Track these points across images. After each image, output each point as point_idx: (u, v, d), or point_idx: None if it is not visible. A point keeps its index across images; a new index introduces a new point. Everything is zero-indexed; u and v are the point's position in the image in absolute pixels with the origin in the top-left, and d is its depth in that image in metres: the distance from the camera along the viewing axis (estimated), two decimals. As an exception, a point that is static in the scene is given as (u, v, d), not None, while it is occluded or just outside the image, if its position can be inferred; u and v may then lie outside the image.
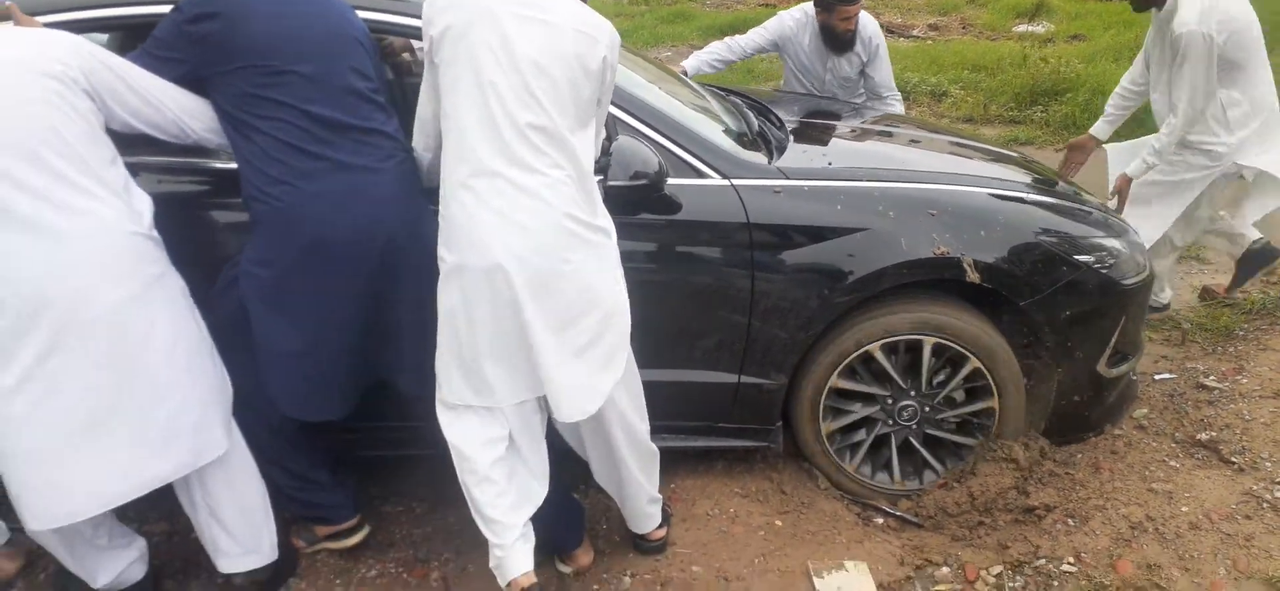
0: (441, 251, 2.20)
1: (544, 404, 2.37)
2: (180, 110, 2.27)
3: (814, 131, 3.65)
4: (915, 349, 2.87)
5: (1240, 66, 3.63)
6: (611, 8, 11.55)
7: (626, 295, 2.32)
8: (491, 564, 2.36)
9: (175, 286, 2.24)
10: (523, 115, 2.11)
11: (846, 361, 2.86)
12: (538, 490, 2.39)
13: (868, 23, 4.57)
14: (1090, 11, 10.63)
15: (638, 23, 10.93)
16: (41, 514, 2.12)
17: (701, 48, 4.64)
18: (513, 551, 2.32)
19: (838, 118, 4.12)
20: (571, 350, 2.20)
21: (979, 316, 2.87)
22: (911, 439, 3.02)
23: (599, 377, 2.26)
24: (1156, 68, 3.82)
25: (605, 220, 2.29)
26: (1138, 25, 9.42)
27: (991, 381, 2.89)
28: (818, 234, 2.73)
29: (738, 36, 4.82)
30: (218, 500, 2.39)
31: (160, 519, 2.89)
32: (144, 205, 2.20)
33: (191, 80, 2.29)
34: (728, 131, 3.09)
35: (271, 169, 2.25)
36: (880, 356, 2.85)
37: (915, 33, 10.47)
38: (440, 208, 2.21)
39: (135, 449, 2.15)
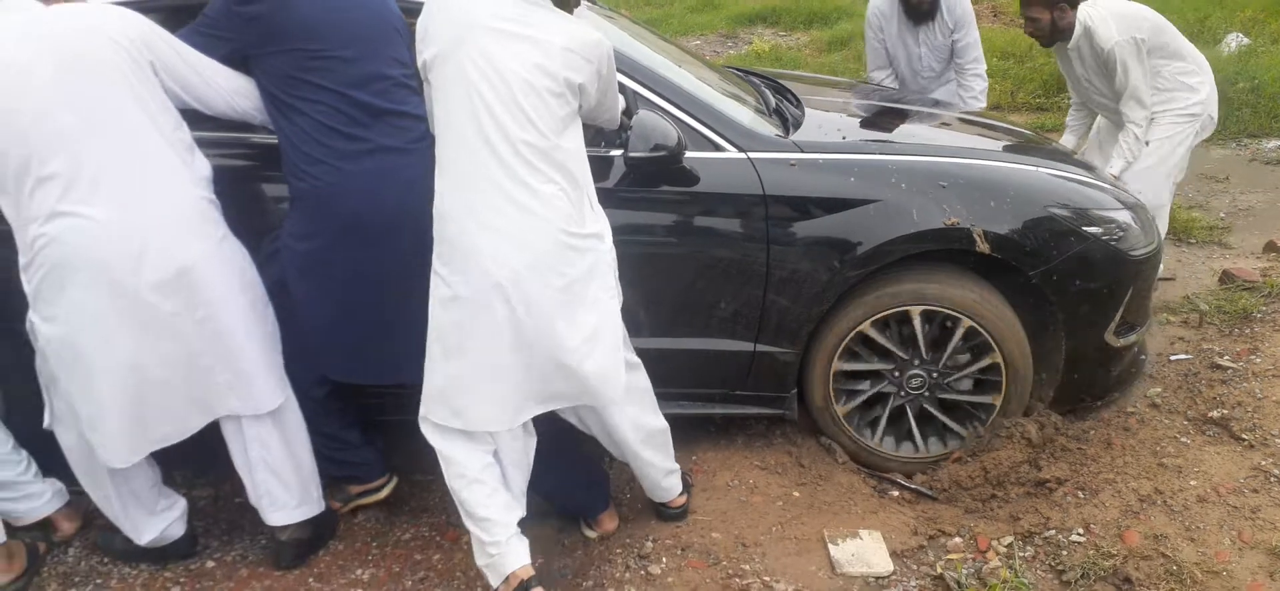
0: (438, 267, 2.25)
1: (529, 429, 2.43)
2: (230, 89, 2.42)
3: (831, 107, 3.73)
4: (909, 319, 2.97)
5: (1168, 44, 3.98)
6: (642, -2, 11.63)
7: (618, 300, 2.38)
8: (482, 563, 2.40)
9: (237, 248, 2.41)
10: (516, 132, 2.15)
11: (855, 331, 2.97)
12: (517, 510, 2.44)
13: None
14: None
15: (668, 12, 11.01)
16: (126, 450, 2.33)
17: (731, 35, 4.72)
18: (508, 547, 2.37)
19: (861, 97, 4.20)
20: (557, 361, 2.25)
21: (979, 282, 2.96)
22: (926, 405, 3.10)
23: (573, 386, 2.31)
24: (1086, 80, 4.15)
25: (596, 224, 2.33)
26: (1170, 10, 9.31)
27: (988, 337, 2.94)
28: (832, 205, 2.83)
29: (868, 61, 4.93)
30: (275, 453, 2.55)
31: (206, 485, 3.05)
32: (205, 170, 2.37)
33: (237, 59, 2.43)
34: (745, 107, 3.18)
35: (312, 148, 2.38)
36: (874, 333, 2.97)
37: (945, 21, 10.46)
38: (436, 224, 2.25)
39: (205, 392, 2.36)
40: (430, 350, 2.29)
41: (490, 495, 2.36)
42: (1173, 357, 3.70)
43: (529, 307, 2.17)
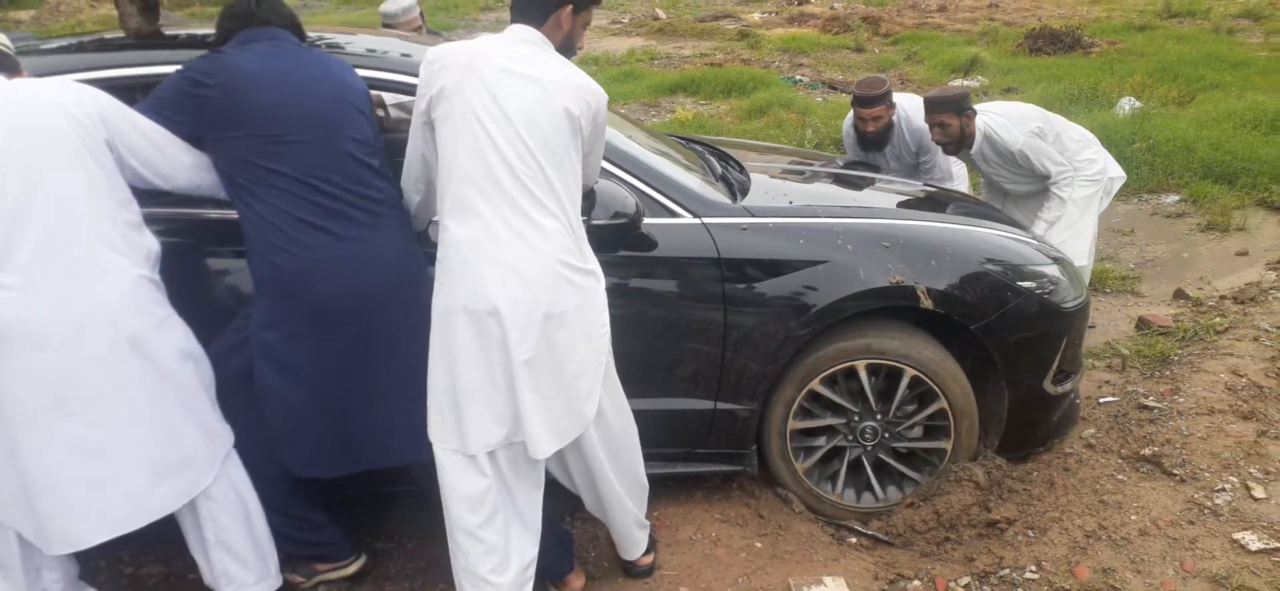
0: (436, 297, 2.33)
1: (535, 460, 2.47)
2: (191, 163, 2.40)
3: (774, 173, 3.85)
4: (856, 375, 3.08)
5: (1058, 131, 4.39)
6: (562, 68, 11.78)
7: (608, 338, 2.45)
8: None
9: (177, 329, 2.34)
10: (517, 165, 2.26)
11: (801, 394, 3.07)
12: (528, 546, 2.48)
13: (914, 116, 4.58)
14: (1021, 66, 11.15)
15: (590, 82, 11.19)
16: (60, 540, 2.21)
17: (653, 104, 4.81)
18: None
19: (799, 163, 4.35)
20: (550, 391, 2.33)
21: (921, 335, 3.08)
22: (882, 455, 3.20)
23: (567, 422, 2.39)
24: (994, 174, 4.51)
25: (593, 264, 2.43)
26: (1066, 78, 9.91)
27: (952, 422, 3.09)
28: (783, 267, 2.93)
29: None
30: (230, 532, 2.47)
31: (156, 562, 2.94)
32: (151, 249, 2.31)
33: (192, 139, 2.40)
34: (695, 175, 3.27)
35: (272, 236, 2.35)
36: (823, 388, 3.07)
37: (853, 88, 10.89)
38: (439, 254, 2.34)
39: (138, 480, 2.25)
40: (431, 370, 2.36)
41: (486, 553, 2.41)
42: (1102, 400, 3.88)
43: (523, 332, 2.25)
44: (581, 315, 2.34)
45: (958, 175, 4.81)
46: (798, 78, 11.43)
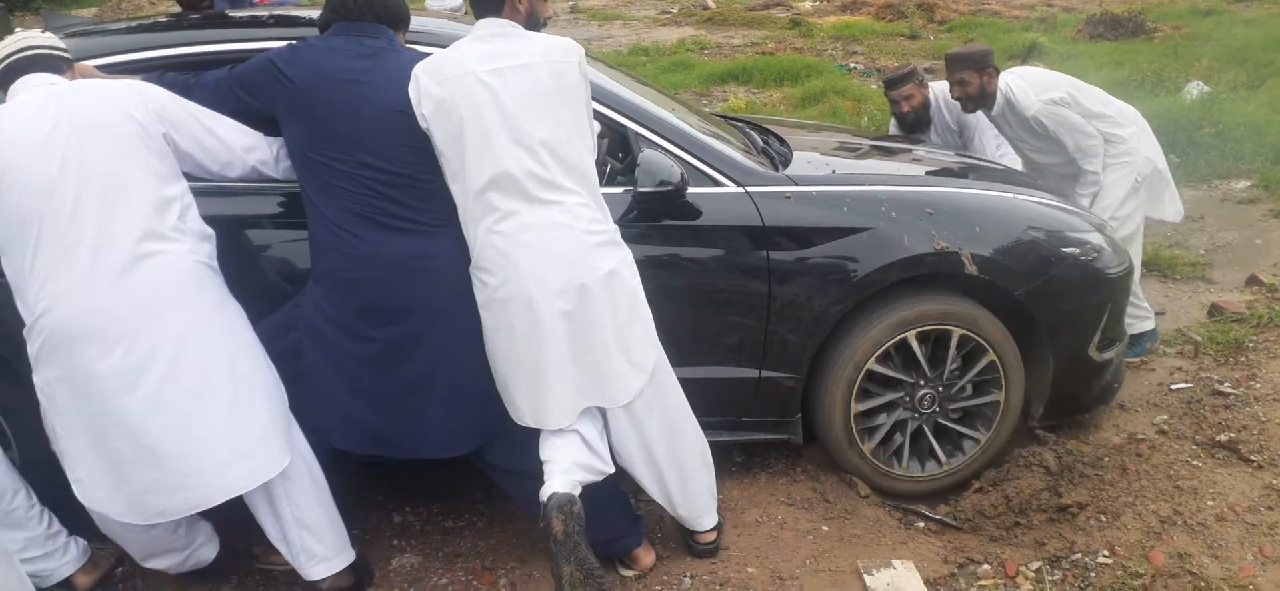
0: (477, 293, 2.43)
1: (592, 413, 2.54)
2: (242, 146, 2.49)
3: (815, 147, 3.82)
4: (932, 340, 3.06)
5: (1086, 106, 4.01)
6: (614, 58, 11.83)
7: (640, 286, 2.54)
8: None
9: (235, 313, 2.39)
10: (531, 163, 2.34)
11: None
12: (603, 467, 2.54)
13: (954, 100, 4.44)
14: (1082, 52, 10.93)
15: (642, 72, 11.19)
16: (150, 512, 2.28)
17: (705, 93, 4.79)
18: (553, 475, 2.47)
19: (839, 137, 4.34)
20: (612, 346, 2.42)
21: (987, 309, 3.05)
22: (924, 427, 3.17)
23: (621, 378, 2.47)
24: (1020, 141, 4.23)
25: (611, 221, 2.51)
26: (1129, 64, 9.70)
27: (1002, 374, 3.06)
28: (827, 235, 2.93)
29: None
30: (304, 509, 2.51)
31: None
32: (208, 237, 2.38)
33: (263, 117, 2.49)
34: (736, 146, 3.26)
35: (330, 229, 2.42)
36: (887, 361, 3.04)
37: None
38: (472, 255, 2.43)
39: (207, 463, 2.29)
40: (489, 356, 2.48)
41: (560, 443, 2.50)
42: (1174, 386, 3.80)
43: (572, 300, 2.36)
44: (621, 278, 2.43)
45: (1008, 156, 4.71)
46: (851, 65, 11.33)
